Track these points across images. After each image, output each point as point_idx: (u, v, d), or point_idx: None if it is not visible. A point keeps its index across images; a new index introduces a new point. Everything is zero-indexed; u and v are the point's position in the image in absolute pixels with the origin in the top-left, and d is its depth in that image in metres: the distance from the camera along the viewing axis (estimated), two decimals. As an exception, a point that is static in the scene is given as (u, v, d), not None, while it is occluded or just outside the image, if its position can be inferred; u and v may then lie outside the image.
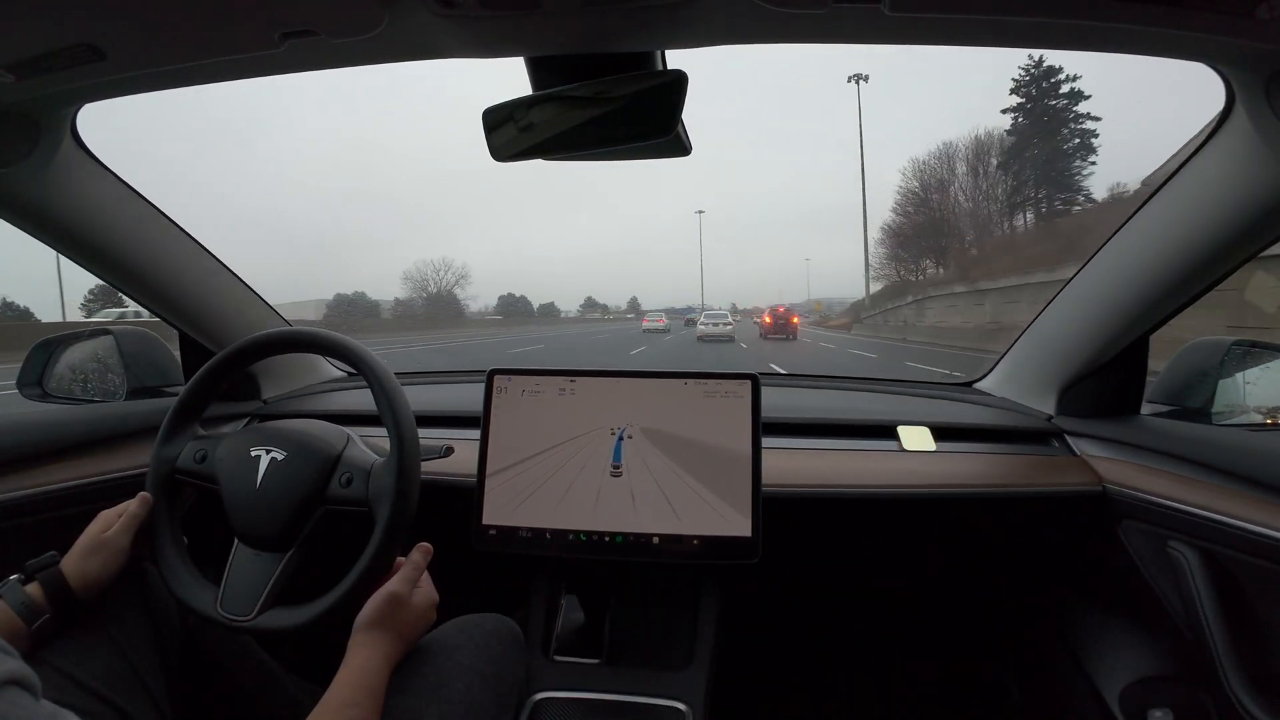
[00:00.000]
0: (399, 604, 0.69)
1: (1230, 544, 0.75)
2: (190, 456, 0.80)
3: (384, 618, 0.68)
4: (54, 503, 0.90)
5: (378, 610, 0.68)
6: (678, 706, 0.85)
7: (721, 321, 21.29)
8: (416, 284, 44.93)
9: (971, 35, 0.60)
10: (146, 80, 0.70)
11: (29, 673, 0.41)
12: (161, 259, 1.03)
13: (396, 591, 0.69)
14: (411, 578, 0.71)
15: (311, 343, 0.82)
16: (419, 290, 44.54)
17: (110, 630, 0.68)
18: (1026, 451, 1.04)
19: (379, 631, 0.67)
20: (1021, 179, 28.82)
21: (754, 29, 0.61)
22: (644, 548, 0.86)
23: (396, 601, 0.69)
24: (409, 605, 0.70)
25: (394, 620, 0.68)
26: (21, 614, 0.63)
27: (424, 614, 0.72)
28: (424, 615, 0.72)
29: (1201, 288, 0.83)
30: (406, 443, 0.74)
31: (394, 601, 0.69)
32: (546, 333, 32.19)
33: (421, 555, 0.74)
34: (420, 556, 0.74)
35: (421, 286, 44.57)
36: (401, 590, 0.70)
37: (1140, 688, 0.88)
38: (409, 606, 0.70)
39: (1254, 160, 0.69)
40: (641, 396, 0.91)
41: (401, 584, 0.70)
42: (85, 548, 0.69)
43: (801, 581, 1.37)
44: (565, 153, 0.70)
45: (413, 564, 0.73)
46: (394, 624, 0.68)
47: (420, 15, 0.57)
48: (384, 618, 0.68)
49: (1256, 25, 0.53)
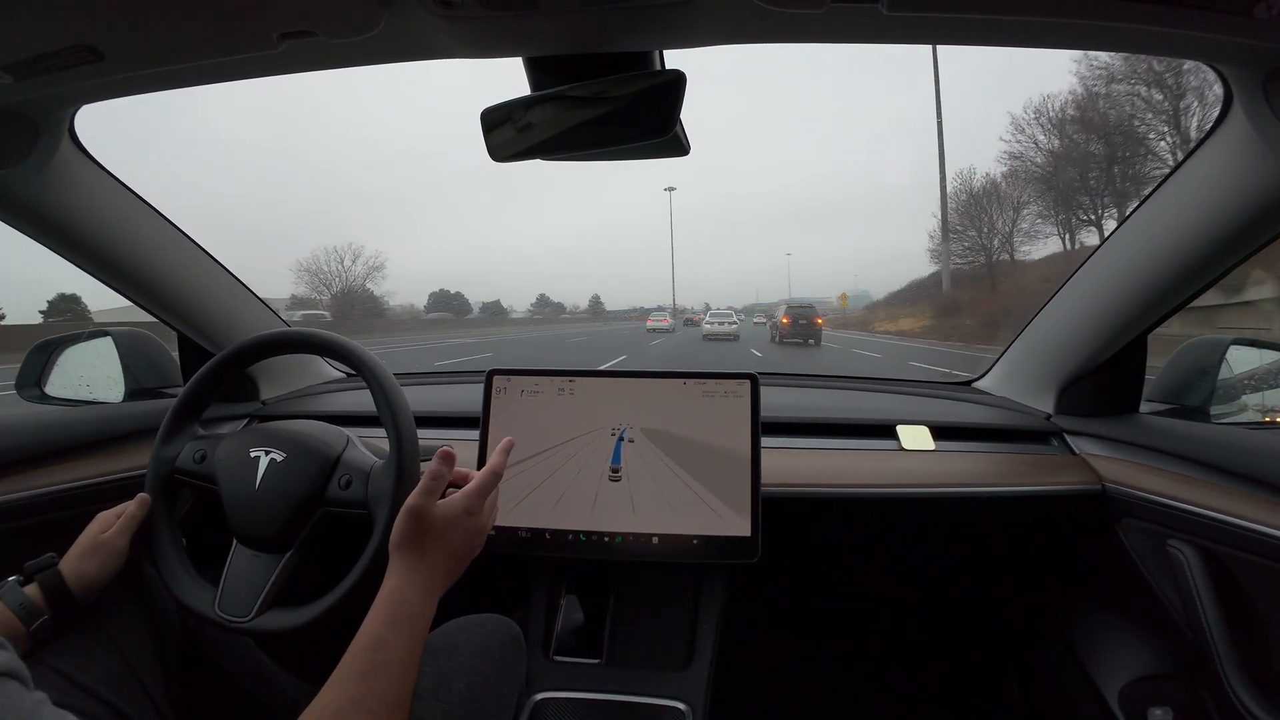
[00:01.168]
0: (421, 517, 0.61)
1: (1229, 542, 0.76)
2: (189, 457, 0.80)
3: (406, 536, 0.60)
4: (52, 504, 0.90)
5: (400, 529, 0.61)
6: (678, 707, 0.85)
7: (726, 321, 22.00)
8: (316, 278, 34.19)
9: (969, 34, 0.60)
10: (145, 81, 0.70)
11: (20, 665, 0.41)
12: (160, 260, 1.02)
13: (415, 504, 0.61)
14: (431, 488, 0.63)
15: (311, 344, 0.82)
16: (319, 287, 34.08)
17: (109, 631, 0.68)
18: (1025, 451, 1.04)
19: (406, 553, 0.60)
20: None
21: (752, 29, 0.61)
22: (644, 548, 0.86)
23: (416, 515, 0.61)
24: (433, 518, 0.61)
25: (421, 537, 0.60)
26: (20, 615, 0.63)
27: (458, 525, 0.63)
28: (456, 529, 0.62)
29: (1200, 286, 0.83)
30: (406, 444, 0.73)
31: (413, 516, 0.61)
32: (494, 337, 24.65)
33: (441, 462, 0.65)
34: (440, 463, 0.64)
35: (324, 281, 34.13)
36: (420, 502, 0.61)
37: (1140, 686, 0.88)
38: (433, 519, 0.61)
39: (1252, 158, 0.69)
40: (641, 396, 0.91)
41: (420, 495, 0.62)
42: (84, 549, 0.69)
43: (801, 581, 1.37)
44: (564, 153, 0.70)
45: (431, 473, 0.63)
46: (423, 541, 0.60)
47: (419, 15, 0.57)
48: (406, 536, 0.60)
49: (1254, 24, 0.53)
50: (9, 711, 0.38)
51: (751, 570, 0.87)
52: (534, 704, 0.86)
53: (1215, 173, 0.74)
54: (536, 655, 0.93)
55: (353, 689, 0.52)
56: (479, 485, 0.66)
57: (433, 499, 0.63)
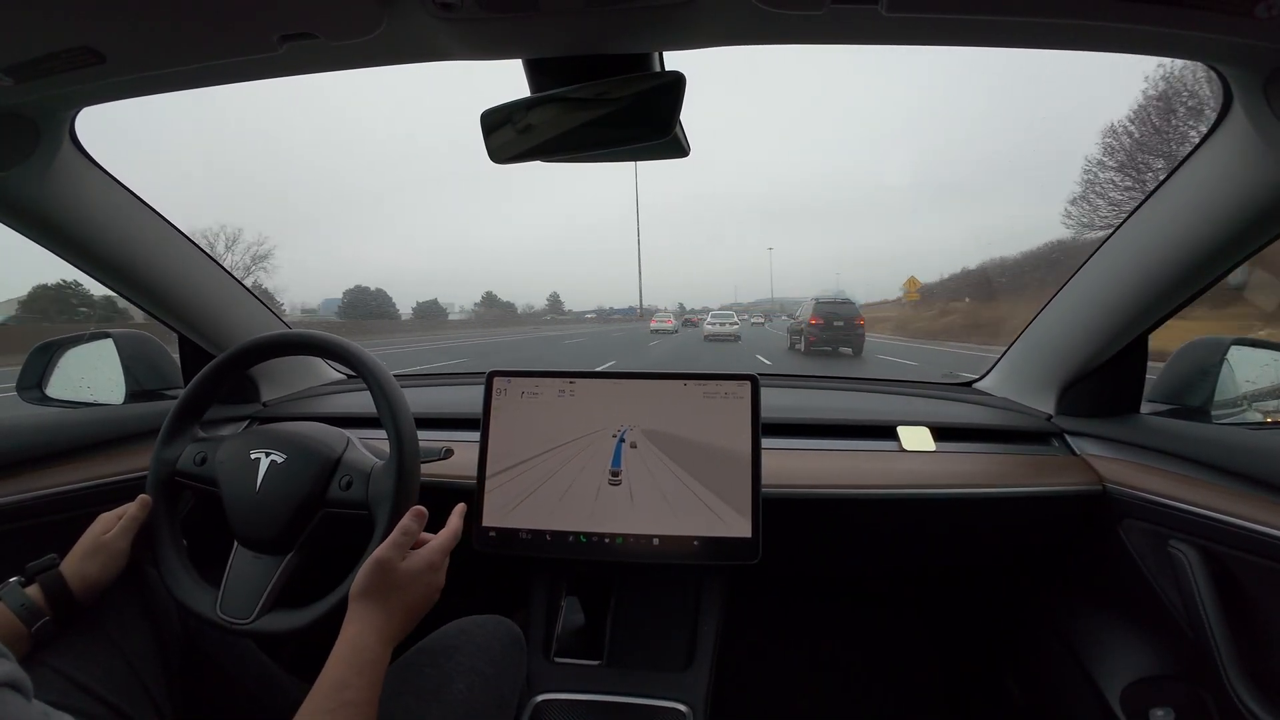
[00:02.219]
0: (387, 570, 0.63)
1: (1231, 543, 0.75)
2: (190, 459, 0.80)
3: (371, 587, 0.62)
4: (54, 506, 0.90)
5: (364, 578, 0.63)
6: (678, 708, 0.85)
7: (728, 322, 22.01)
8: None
9: (968, 35, 0.60)
10: (145, 83, 0.70)
11: (22, 675, 0.41)
12: (161, 262, 1.03)
13: (382, 557, 0.63)
14: (400, 543, 0.65)
15: (311, 345, 0.83)
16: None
17: (110, 632, 0.68)
18: (1026, 451, 1.04)
19: (367, 602, 0.62)
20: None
21: (753, 30, 0.61)
22: (644, 549, 0.86)
23: (383, 568, 0.63)
24: (398, 572, 0.63)
25: (384, 588, 0.63)
26: (21, 616, 0.63)
27: (418, 580, 0.65)
28: (418, 582, 0.65)
29: (1201, 286, 0.83)
30: (406, 445, 0.74)
31: (380, 568, 0.63)
32: (421, 347, 18.52)
33: (413, 519, 0.67)
34: (411, 520, 0.67)
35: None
36: (389, 555, 0.64)
37: (1141, 687, 0.88)
38: (398, 573, 0.63)
39: (1252, 158, 0.69)
40: (641, 398, 0.91)
41: (389, 549, 0.64)
42: (85, 550, 0.69)
43: (802, 582, 1.37)
44: (564, 154, 0.70)
45: (401, 529, 0.66)
46: (384, 593, 0.62)
47: (419, 17, 0.57)
48: (371, 587, 0.62)
49: (1255, 24, 0.53)
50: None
51: (752, 571, 0.87)
52: (535, 705, 0.86)
53: (1215, 173, 0.74)
54: (537, 656, 0.93)
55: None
56: (442, 544, 0.69)
57: (400, 553, 0.65)
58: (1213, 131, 0.73)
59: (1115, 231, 0.91)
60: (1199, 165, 0.77)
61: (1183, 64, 3.33)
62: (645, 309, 56.91)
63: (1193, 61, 0.64)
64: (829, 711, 1.31)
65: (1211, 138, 0.74)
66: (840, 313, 13.17)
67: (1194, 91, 14.00)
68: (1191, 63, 0.64)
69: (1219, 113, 0.71)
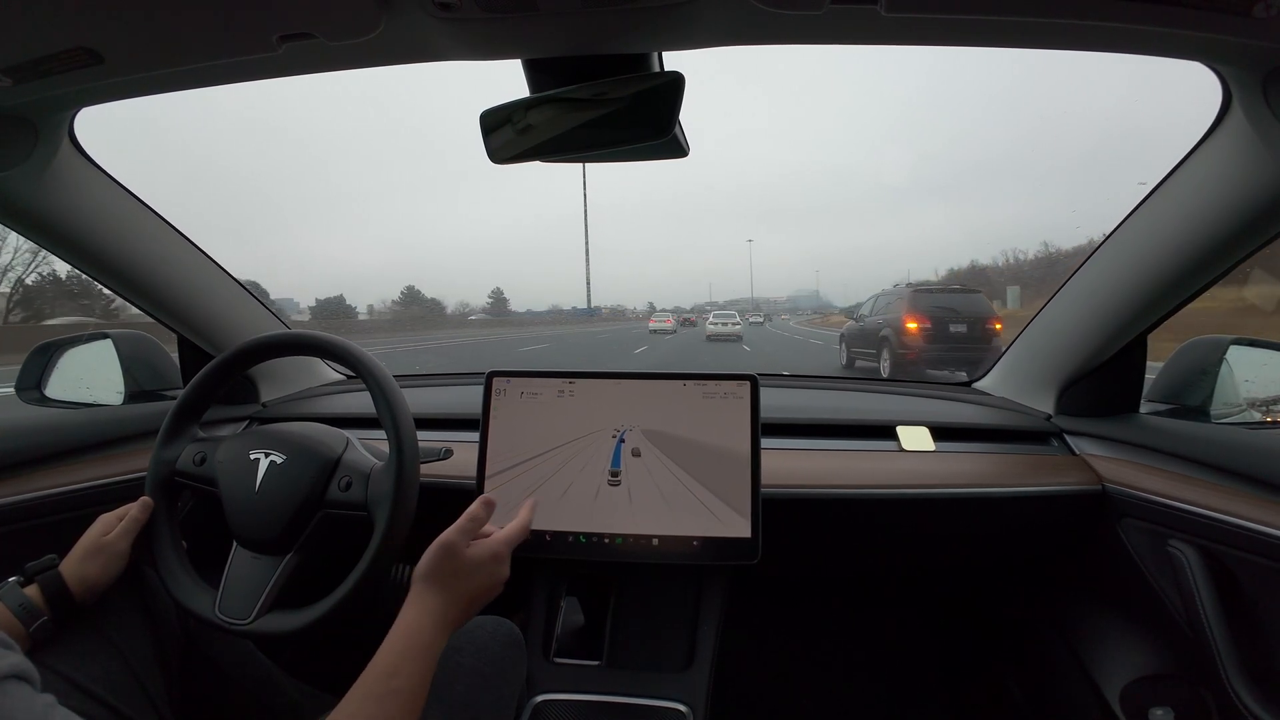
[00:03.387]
0: (452, 555, 0.63)
1: (1230, 542, 0.75)
2: (189, 459, 0.80)
3: (434, 571, 0.62)
4: (53, 506, 0.90)
5: (428, 562, 0.62)
6: (678, 708, 0.85)
7: (730, 321, 22.24)
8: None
9: (967, 35, 0.60)
10: (144, 84, 0.70)
11: (29, 667, 0.41)
12: (159, 262, 1.03)
13: (448, 541, 0.63)
14: (466, 529, 0.65)
15: (311, 346, 0.82)
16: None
17: (109, 633, 0.68)
18: (1026, 451, 1.04)
19: (429, 586, 0.61)
20: None
21: (752, 30, 0.61)
22: (644, 549, 0.86)
23: (448, 553, 0.63)
24: (463, 558, 0.63)
25: (447, 574, 0.62)
26: (20, 616, 0.63)
27: (482, 569, 0.64)
28: (482, 570, 0.64)
29: (1200, 286, 0.84)
30: (405, 446, 0.74)
31: (446, 552, 0.63)
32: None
33: (481, 507, 0.67)
34: (480, 509, 0.67)
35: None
36: (455, 540, 0.63)
37: (1141, 686, 0.88)
38: (463, 559, 0.63)
39: (1251, 158, 0.69)
40: (641, 398, 0.91)
41: (455, 533, 0.64)
42: (85, 551, 0.69)
43: (801, 582, 1.37)
44: (563, 155, 0.71)
45: (470, 515, 0.66)
46: (447, 578, 0.62)
47: (418, 17, 0.57)
48: (434, 571, 0.62)
49: (1253, 23, 0.53)
50: (20, 714, 0.38)
51: (752, 571, 0.87)
52: (534, 705, 0.86)
53: (1214, 173, 0.74)
54: (537, 657, 0.92)
55: (368, 710, 0.53)
56: (509, 535, 0.69)
57: (466, 539, 0.65)
58: (1211, 131, 0.73)
59: (1114, 231, 0.91)
60: (1198, 165, 0.77)
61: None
62: (610, 309, 54.36)
63: (1191, 61, 0.64)
64: (829, 711, 1.31)
65: (1210, 137, 0.74)
66: (962, 309, 7.62)
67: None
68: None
69: (1218, 112, 0.71)
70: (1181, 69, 0.63)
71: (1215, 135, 0.73)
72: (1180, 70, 0.63)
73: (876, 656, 1.37)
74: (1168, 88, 41.93)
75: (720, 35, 0.62)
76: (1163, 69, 2.07)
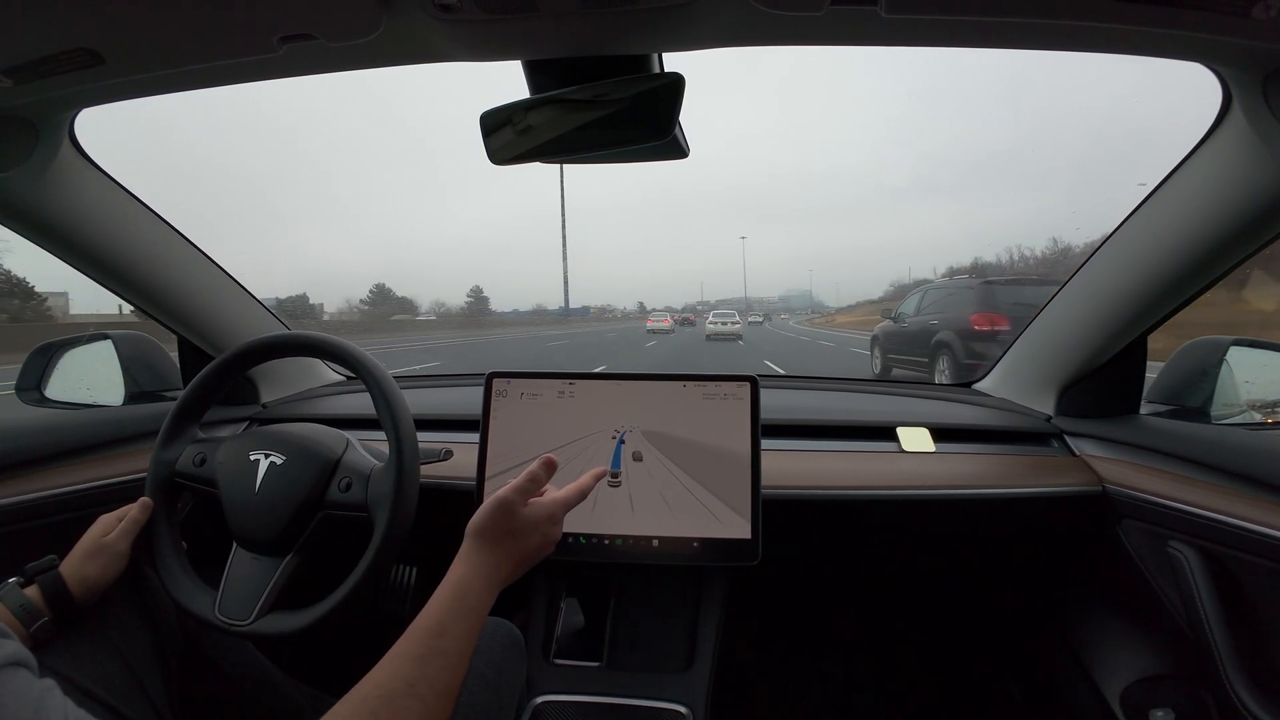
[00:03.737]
0: (508, 513, 0.61)
1: (1230, 543, 0.75)
2: (189, 460, 0.80)
3: (489, 527, 0.60)
4: (53, 507, 0.90)
5: (483, 517, 0.61)
6: (678, 709, 0.85)
7: (730, 321, 22.39)
8: None
9: (967, 36, 0.60)
10: (145, 84, 0.70)
11: (27, 654, 0.41)
12: (159, 263, 1.03)
13: (506, 498, 0.62)
14: (526, 488, 0.63)
15: (311, 347, 0.82)
16: None
17: (109, 634, 0.68)
18: (1026, 452, 1.04)
19: (482, 542, 0.60)
20: None
21: (752, 32, 0.61)
22: (644, 550, 0.86)
23: (505, 509, 0.61)
24: (518, 515, 0.62)
25: (501, 531, 0.61)
26: (20, 616, 0.63)
27: (537, 529, 0.63)
28: (536, 532, 0.63)
29: (1200, 287, 0.84)
30: (405, 447, 0.74)
31: (502, 509, 0.61)
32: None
33: (542, 467, 0.66)
34: (540, 468, 0.65)
35: None
36: (512, 498, 0.62)
37: (1141, 687, 0.88)
38: (518, 517, 0.62)
39: (1251, 159, 0.69)
40: (641, 399, 0.91)
41: (514, 491, 0.62)
42: (85, 551, 0.69)
43: (801, 583, 1.37)
44: (563, 156, 0.71)
45: (530, 475, 0.65)
46: (501, 536, 0.61)
47: (418, 18, 0.57)
48: (489, 527, 0.60)
49: (1253, 24, 0.53)
50: (19, 698, 0.38)
51: (752, 572, 0.87)
52: (534, 707, 0.86)
53: (1214, 174, 0.74)
54: (536, 658, 0.92)
55: (408, 672, 0.51)
56: (567, 497, 0.68)
57: (524, 498, 0.63)
58: (1212, 132, 0.73)
59: (1114, 232, 0.91)
60: (1198, 166, 0.77)
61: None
62: (600, 309, 52.70)
63: (1191, 62, 0.64)
64: (829, 712, 1.31)
65: (1210, 138, 0.74)
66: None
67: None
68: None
69: (1218, 113, 0.71)
70: (1182, 70, 0.63)
71: (1215, 136, 0.73)
72: (1181, 71, 0.63)
73: (876, 657, 1.37)
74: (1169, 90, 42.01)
75: (720, 36, 0.62)
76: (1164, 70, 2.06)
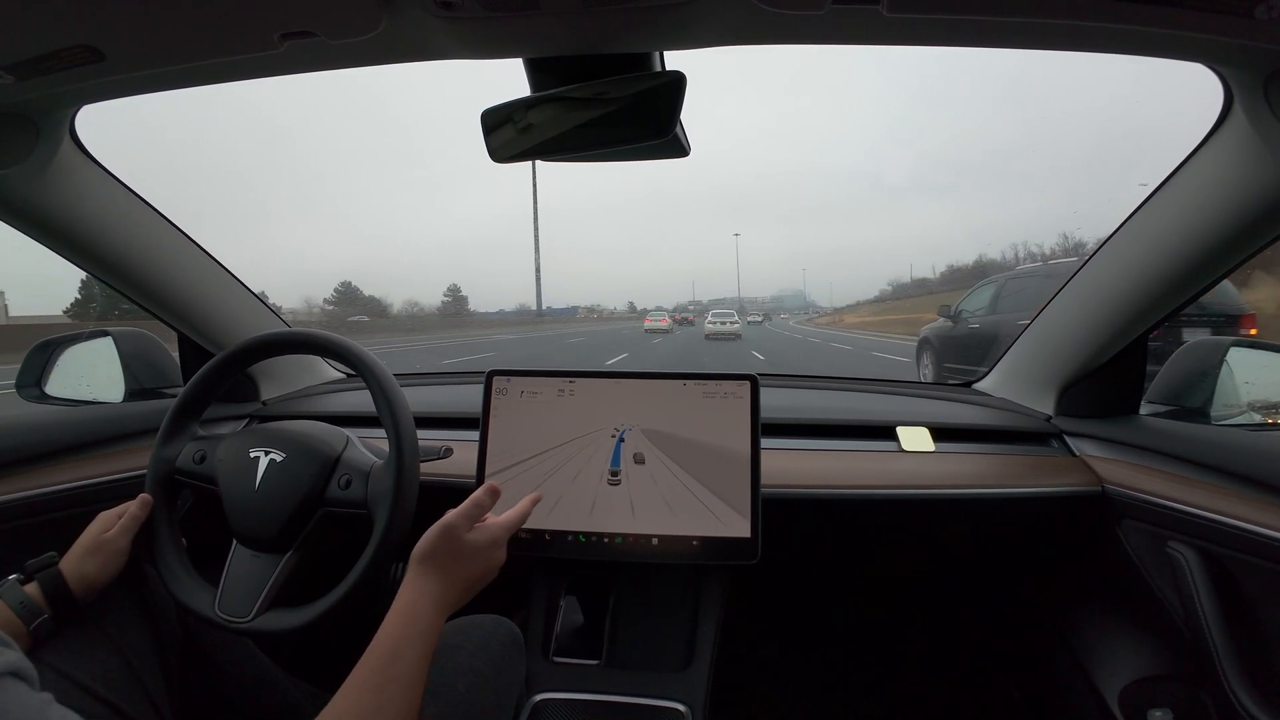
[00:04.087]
0: (452, 537, 0.63)
1: (1230, 544, 0.75)
2: (189, 457, 0.80)
3: (433, 551, 0.62)
4: (53, 504, 0.90)
5: (429, 542, 0.62)
6: (677, 708, 0.85)
7: (729, 320, 22.61)
8: None
9: (969, 36, 0.60)
10: (145, 81, 0.70)
11: (27, 664, 0.41)
12: (160, 260, 1.03)
13: (451, 522, 0.63)
14: (470, 514, 0.65)
15: (311, 344, 0.83)
16: None
17: (109, 631, 0.68)
18: (1025, 452, 1.04)
19: (428, 566, 0.61)
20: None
21: (753, 30, 0.61)
22: (643, 549, 0.86)
23: (449, 534, 0.62)
24: (462, 541, 0.63)
25: (446, 556, 0.62)
26: (20, 614, 0.63)
27: (480, 554, 0.64)
28: (480, 555, 0.64)
29: (1200, 287, 0.84)
30: (405, 444, 0.74)
31: (446, 534, 0.62)
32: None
33: (486, 494, 0.68)
34: (485, 495, 0.67)
35: None
36: (456, 522, 0.63)
37: (1140, 687, 0.88)
38: (462, 542, 0.63)
39: (1252, 160, 0.69)
40: (641, 397, 0.91)
41: (458, 517, 0.64)
42: (84, 549, 0.69)
43: (801, 582, 1.37)
44: (564, 154, 0.71)
45: (474, 500, 0.66)
46: (446, 560, 0.62)
47: (419, 16, 0.57)
48: (433, 551, 0.62)
49: (1255, 25, 0.53)
50: (17, 711, 0.38)
51: (751, 571, 0.87)
52: (533, 705, 0.86)
53: (1215, 174, 0.74)
54: (536, 656, 0.93)
55: (367, 701, 0.52)
56: (508, 521, 0.69)
57: (468, 523, 0.64)
58: (1213, 133, 0.73)
59: (1115, 233, 0.91)
60: (1199, 166, 0.77)
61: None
62: (588, 309, 51.10)
63: (1192, 62, 0.63)
64: (828, 711, 1.31)
65: (1212, 139, 0.74)
66: (1205, 303, 3.46)
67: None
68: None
69: (1219, 114, 0.71)
70: (1184, 71, 0.63)
71: (1216, 137, 0.73)
72: (1183, 72, 0.62)
73: (876, 656, 1.37)
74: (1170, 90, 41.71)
75: (722, 35, 0.62)
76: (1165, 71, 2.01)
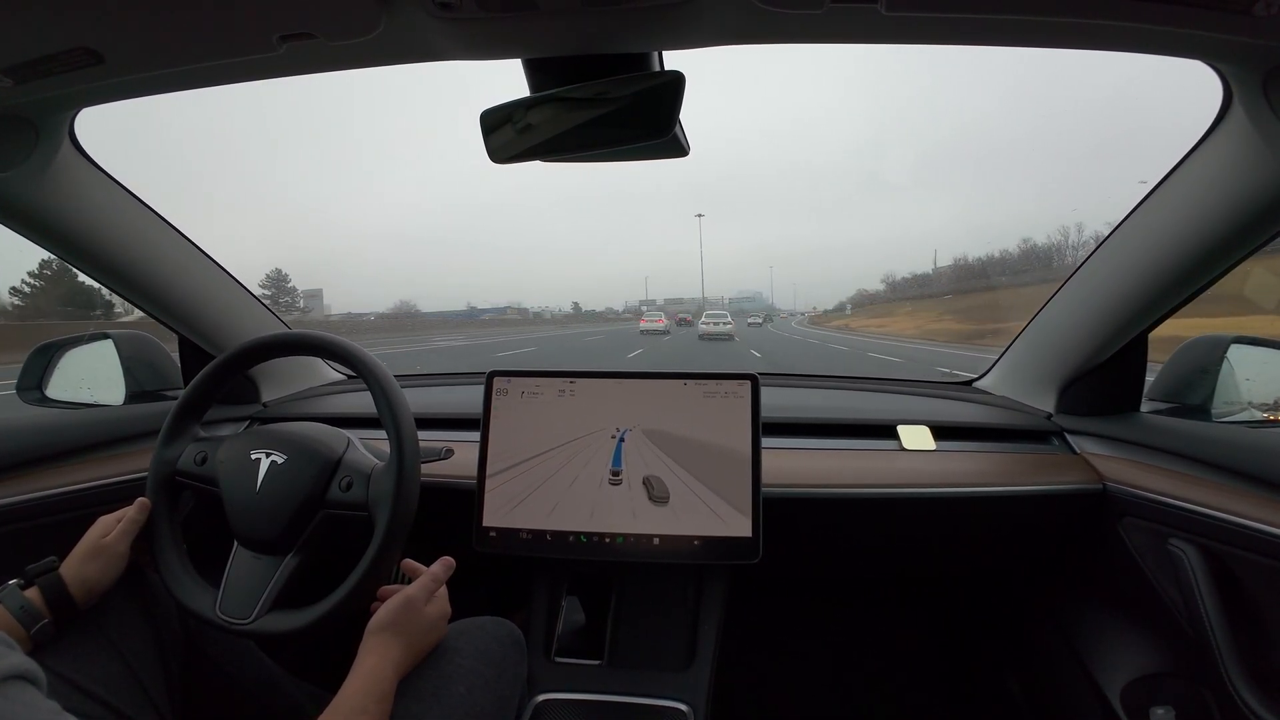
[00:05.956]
0: (413, 610, 0.68)
1: (1230, 541, 0.75)
2: (191, 459, 0.80)
3: (397, 622, 0.67)
4: (53, 508, 0.90)
5: (392, 613, 0.67)
6: (679, 707, 0.85)
7: (721, 321, 22.64)
8: None
9: (968, 34, 0.60)
10: (145, 84, 0.70)
11: (33, 667, 0.41)
12: (160, 262, 1.02)
13: (414, 596, 0.69)
14: (429, 587, 0.71)
15: (312, 345, 0.83)
16: None
17: (109, 634, 0.68)
18: (1026, 450, 1.04)
19: (391, 636, 0.66)
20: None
21: (752, 30, 0.61)
22: (645, 549, 0.86)
23: (411, 607, 0.68)
24: (422, 614, 0.69)
25: (407, 626, 0.67)
26: (20, 619, 0.63)
27: (435, 626, 0.71)
28: (435, 628, 0.71)
29: (1200, 285, 0.83)
30: (406, 446, 0.74)
31: (409, 607, 0.68)
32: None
33: (442, 568, 0.74)
34: (441, 569, 0.73)
35: None
36: (418, 596, 0.69)
37: (1142, 685, 0.88)
38: (422, 615, 0.69)
39: (1252, 157, 0.69)
40: (641, 397, 0.91)
41: (419, 590, 0.70)
42: (85, 553, 0.69)
43: (802, 581, 1.37)
44: (563, 154, 0.70)
45: (432, 574, 0.72)
46: (406, 630, 0.67)
47: (418, 17, 0.57)
48: (397, 622, 0.67)
49: (1254, 22, 0.53)
50: (26, 715, 0.37)
51: (752, 571, 0.87)
52: (535, 705, 0.86)
53: (1214, 172, 0.74)
54: (538, 656, 0.93)
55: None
56: (444, 592, 0.75)
57: (427, 596, 0.71)
58: (1212, 130, 0.73)
59: (1115, 230, 0.91)
60: (1198, 164, 0.77)
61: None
62: (537, 312, 50.75)
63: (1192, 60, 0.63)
64: (829, 710, 1.31)
65: (1211, 136, 0.74)
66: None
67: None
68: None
69: (1218, 111, 0.71)
70: (1183, 68, 0.63)
71: (1215, 134, 0.73)
72: (1182, 69, 0.62)
73: (877, 655, 1.37)
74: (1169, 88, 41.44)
75: (720, 35, 0.62)
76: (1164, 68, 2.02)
